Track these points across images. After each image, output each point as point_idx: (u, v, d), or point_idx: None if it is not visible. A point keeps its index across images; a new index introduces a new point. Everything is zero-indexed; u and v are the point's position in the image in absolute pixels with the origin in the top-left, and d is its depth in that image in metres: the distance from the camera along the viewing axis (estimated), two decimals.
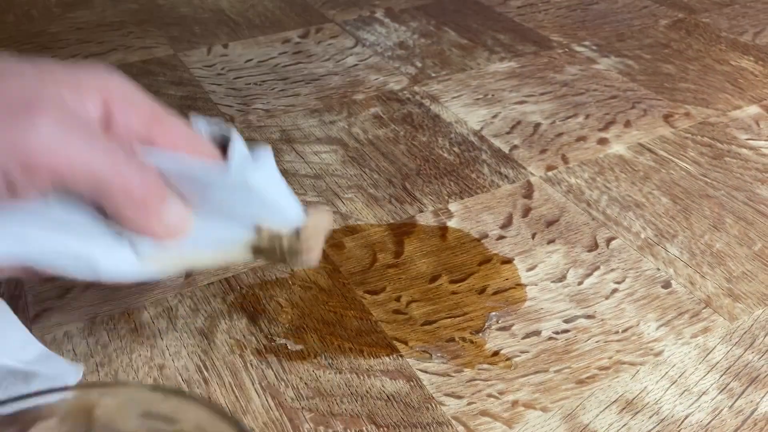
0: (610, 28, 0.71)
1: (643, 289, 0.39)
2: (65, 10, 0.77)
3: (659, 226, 0.43)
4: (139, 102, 0.24)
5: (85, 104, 0.23)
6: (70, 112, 0.23)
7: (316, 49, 0.67)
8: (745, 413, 0.32)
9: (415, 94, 0.58)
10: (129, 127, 0.24)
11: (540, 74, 0.62)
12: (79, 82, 0.23)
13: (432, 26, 0.71)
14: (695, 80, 0.60)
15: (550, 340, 0.36)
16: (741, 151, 0.51)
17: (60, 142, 0.22)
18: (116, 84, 0.24)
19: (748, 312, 0.37)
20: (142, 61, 0.65)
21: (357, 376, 0.33)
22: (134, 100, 0.24)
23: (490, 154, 0.50)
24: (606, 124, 0.54)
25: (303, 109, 0.56)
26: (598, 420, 0.32)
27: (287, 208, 0.28)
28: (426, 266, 0.40)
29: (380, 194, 0.46)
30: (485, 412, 0.32)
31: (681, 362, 0.34)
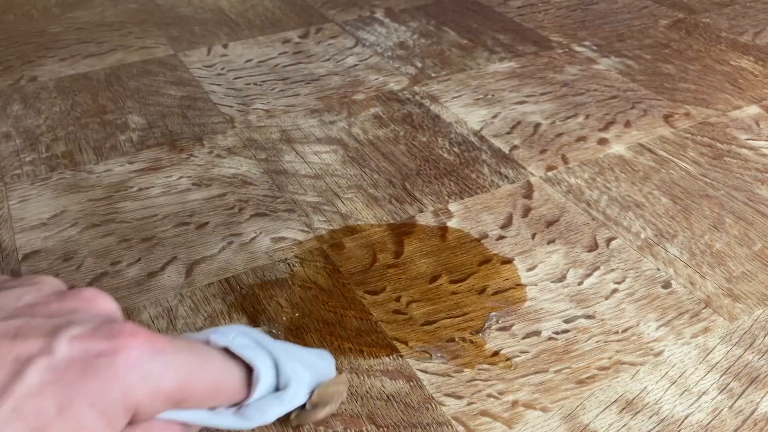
0: (610, 28, 0.71)
1: (643, 289, 0.39)
2: (65, 10, 0.77)
3: (659, 226, 0.43)
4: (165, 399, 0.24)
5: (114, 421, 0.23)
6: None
7: (316, 49, 0.67)
8: (745, 413, 0.32)
9: (415, 95, 0.58)
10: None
11: (540, 74, 0.62)
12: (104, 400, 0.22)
13: (432, 26, 0.71)
14: (695, 80, 0.60)
15: (550, 340, 0.36)
16: (741, 151, 0.51)
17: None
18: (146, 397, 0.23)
19: (748, 312, 0.37)
20: (141, 61, 0.65)
21: (357, 376, 0.33)
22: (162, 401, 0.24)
23: (490, 155, 0.50)
24: (606, 125, 0.54)
25: (303, 109, 0.56)
26: (598, 420, 0.32)
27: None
28: (426, 266, 0.40)
29: (380, 194, 0.46)
30: (485, 412, 0.32)
31: (681, 362, 0.34)
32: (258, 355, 0.27)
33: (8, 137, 0.53)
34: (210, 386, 0.25)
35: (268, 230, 0.43)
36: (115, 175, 0.48)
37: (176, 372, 0.23)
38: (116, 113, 0.56)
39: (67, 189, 0.47)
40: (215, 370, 0.25)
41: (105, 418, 0.21)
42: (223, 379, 0.26)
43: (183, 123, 0.55)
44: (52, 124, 0.55)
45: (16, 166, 0.50)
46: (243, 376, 0.26)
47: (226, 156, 0.50)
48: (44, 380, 0.21)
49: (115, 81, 0.61)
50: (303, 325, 0.36)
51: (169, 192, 0.47)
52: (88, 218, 0.44)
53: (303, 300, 0.38)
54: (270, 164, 0.49)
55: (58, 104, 0.58)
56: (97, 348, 0.22)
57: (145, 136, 0.53)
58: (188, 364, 0.24)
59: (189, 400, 0.24)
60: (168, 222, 0.44)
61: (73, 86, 0.60)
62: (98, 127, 0.54)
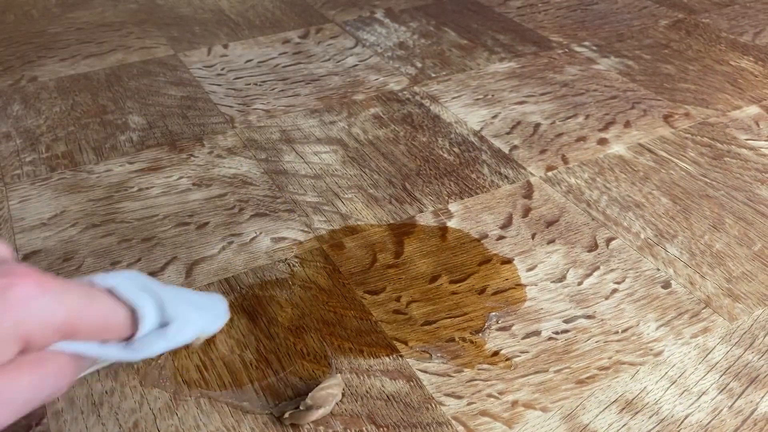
0: (609, 28, 0.71)
1: (643, 290, 0.39)
2: (65, 10, 0.77)
3: (659, 226, 0.43)
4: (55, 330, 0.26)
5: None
6: None
7: (316, 49, 0.67)
8: (744, 413, 0.32)
9: (415, 95, 0.59)
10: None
11: (540, 74, 0.62)
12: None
13: (432, 26, 0.71)
14: (695, 80, 0.60)
15: (550, 340, 0.36)
16: (741, 152, 0.51)
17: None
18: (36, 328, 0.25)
19: (747, 312, 0.37)
20: (142, 62, 0.65)
21: (357, 376, 0.33)
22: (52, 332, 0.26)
23: (490, 155, 0.50)
24: (606, 125, 0.54)
25: (303, 110, 0.56)
26: (598, 420, 0.32)
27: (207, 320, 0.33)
28: (426, 266, 0.40)
29: (380, 194, 0.46)
30: (485, 412, 0.32)
31: (681, 362, 0.34)
32: (140, 297, 0.29)
33: (8, 137, 0.53)
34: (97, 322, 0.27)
35: (268, 230, 0.43)
36: (115, 176, 0.48)
37: (65, 307, 0.26)
38: (116, 113, 0.56)
39: (68, 189, 0.47)
40: (102, 307, 0.28)
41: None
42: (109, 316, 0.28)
43: (183, 123, 0.55)
44: (53, 124, 0.55)
45: (16, 167, 0.50)
46: (128, 314, 0.29)
47: (226, 156, 0.50)
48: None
49: (116, 81, 0.61)
50: (303, 325, 0.36)
51: (170, 192, 0.47)
52: (88, 218, 0.44)
53: (303, 300, 0.38)
54: (270, 164, 0.49)
55: (59, 104, 0.58)
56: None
57: (145, 136, 0.53)
58: (76, 300, 0.26)
59: (78, 335, 0.27)
60: (168, 222, 0.44)
61: (73, 86, 0.61)
62: (98, 128, 0.54)
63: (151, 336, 0.30)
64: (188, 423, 0.31)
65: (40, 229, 0.43)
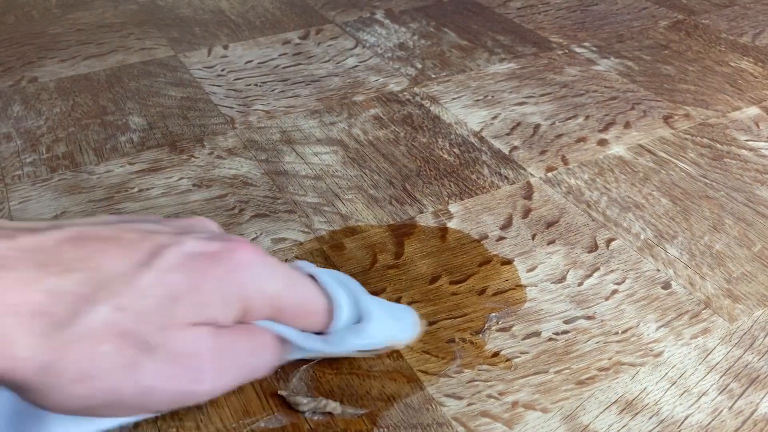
0: (609, 29, 0.71)
1: (643, 290, 0.39)
2: (65, 11, 0.77)
3: (659, 227, 0.43)
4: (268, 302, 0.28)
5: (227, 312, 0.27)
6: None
7: (316, 50, 0.67)
8: (744, 414, 0.32)
9: (415, 96, 0.59)
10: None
11: (540, 75, 0.62)
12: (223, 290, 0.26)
13: (432, 27, 0.71)
14: (695, 81, 0.61)
15: (550, 341, 0.36)
16: (741, 153, 0.51)
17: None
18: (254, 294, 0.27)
19: (747, 313, 0.37)
20: (142, 63, 0.65)
21: (357, 377, 0.33)
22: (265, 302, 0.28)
23: (490, 155, 0.50)
24: (606, 125, 0.54)
25: (303, 111, 0.56)
26: (598, 421, 0.32)
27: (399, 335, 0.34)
28: (426, 267, 0.40)
29: (380, 195, 0.46)
30: (485, 413, 0.32)
31: (681, 363, 0.34)
32: (339, 290, 0.30)
33: (9, 138, 0.53)
34: (301, 302, 0.29)
35: (268, 231, 0.43)
36: (116, 176, 0.48)
37: (277, 279, 0.28)
38: (117, 114, 0.56)
39: (68, 190, 0.47)
40: (306, 290, 0.29)
41: (223, 302, 0.26)
42: (311, 300, 0.29)
43: (183, 124, 0.55)
44: (53, 125, 0.55)
45: (16, 167, 0.50)
46: (326, 304, 0.30)
47: (226, 157, 0.51)
48: (177, 262, 0.25)
49: (116, 82, 0.61)
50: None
51: (170, 193, 0.47)
52: None
53: None
54: (270, 165, 0.49)
55: (59, 105, 0.58)
56: (217, 247, 0.26)
57: (145, 137, 0.53)
58: (287, 276, 0.28)
59: (283, 312, 0.28)
60: None
61: (73, 87, 0.61)
62: (99, 128, 0.54)
63: (345, 331, 0.31)
64: (188, 424, 0.31)
65: None
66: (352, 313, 0.31)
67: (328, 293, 0.30)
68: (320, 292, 0.30)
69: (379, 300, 0.33)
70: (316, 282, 0.30)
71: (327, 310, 0.30)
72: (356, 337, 0.31)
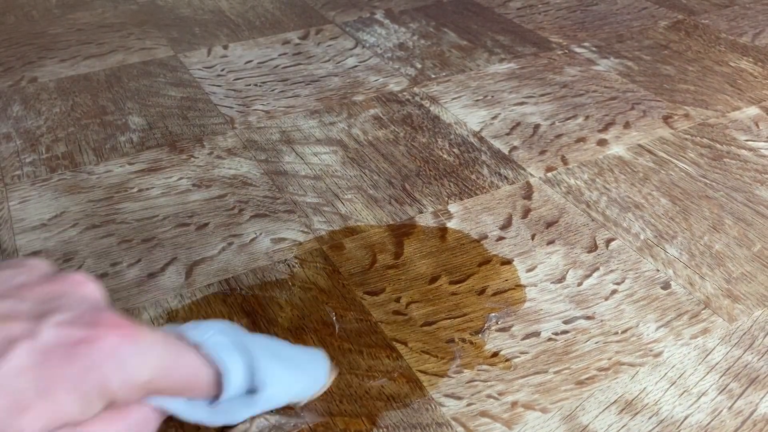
0: (609, 29, 0.71)
1: (643, 290, 0.39)
2: (65, 11, 0.77)
3: (658, 227, 0.43)
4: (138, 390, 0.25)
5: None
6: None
7: (316, 50, 0.67)
8: (744, 414, 0.32)
9: (415, 96, 0.59)
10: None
11: (539, 75, 0.62)
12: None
13: (432, 27, 0.71)
14: (695, 81, 0.61)
15: (550, 341, 0.36)
16: (740, 152, 0.51)
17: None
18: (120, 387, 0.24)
19: (747, 313, 0.37)
20: (142, 63, 0.65)
21: (356, 377, 0.33)
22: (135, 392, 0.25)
23: (489, 156, 0.50)
24: (605, 126, 0.54)
25: (303, 111, 0.56)
26: (598, 421, 0.32)
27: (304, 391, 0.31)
28: (426, 267, 0.40)
29: (380, 195, 0.46)
30: (485, 413, 0.32)
31: (680, 363, 0.34)
32: (230, 356, 0.28)
33: (9, 138, 0.53)
34: (182, 381, 0.26)
35: (268, 231, 0.43)
36: (116, 176, 0.48)
37: (150, 364, 0.25)
38: (116, 114, 0.56)
39: (68, 190, 0.47)
40: (188, 366, 0.26)
41: (81, 403, 0.23)
42: (194, 375, 0.27)
43: (183, 124, 0.55)
44: (53, 125, 0.55)
45: (16, 167, 0.50)
46: (214, 375, 0.27)
47: (226, 157, 0.51)
48: (28, 362, 0.22)
49: (116, 82, 0.61)
50: (303, 325, 0.36)
51: (170, 193, 0.47)
52: (88, 219, 0.44)
53: (303, 301, 0.38)
54: (270, 165, 0.49)
55: (59, 105, 0.58)
56: (79, 335, 0.23)
57: (145, 137, 0.53)
58: (162, 357, 0.25)
59: (162, 392, 0.26)
60: (168, 223, 0.44)
61: (73, 87, 0.61)
62: (98, 128, 0.54)
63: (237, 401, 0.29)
64: (188, 424, 0.31)
65: (40, 230, 0.43)
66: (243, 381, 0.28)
67: (218, 363, 0.27)
68: (205, 362, 0.27)
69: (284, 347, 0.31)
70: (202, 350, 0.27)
71: (214, 381, 0.27)
72: (247, 407, 0.29)
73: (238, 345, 0.28)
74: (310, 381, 0.31)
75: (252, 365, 0.28)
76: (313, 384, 0.32)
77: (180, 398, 0.27)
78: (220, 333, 0.28)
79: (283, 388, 0.30)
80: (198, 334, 0.28)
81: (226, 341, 0.28)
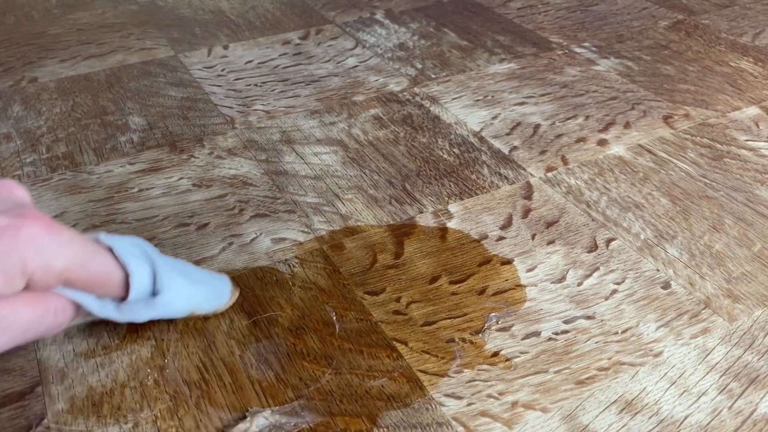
0: (609, 29, 0.71)
1: (643, 290, 0.39)
2: (65, 11, 0.77)
3: (659, 227, 0.43)
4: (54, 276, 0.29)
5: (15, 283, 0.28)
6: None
7: (316, 50, 0.67)
8: (744, 414, 0.32)
9: (415, 96, 0.59)
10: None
11: (540, 76, 0.62)
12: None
13: (432, 28, 0.71)
14: (695, 81, 0.61)
15: (550, 340, 0.36)
16: (740, 152, 0.51)
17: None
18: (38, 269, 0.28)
19: (747, 313, 0.37)
20: (142, 63, 0.65)
21: (357, 377, 0.33)
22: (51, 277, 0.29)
23: (489, 155, 0.50)
24: (606, 126, 0.54)
25: (303, 111, 0.56)
26: (598, 421, 0.32)
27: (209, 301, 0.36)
28: (426, 267, 0.40)
29: (380, 195, 0.46)
30: (485, 412, 0.32)
31: (680, 363, 0.34)
32: (137, 262, 0.31)
33: (9, 138, 0.53)
34: (94, 276, 0.30)
35: (268, 231, 0.43)
36: (116, 176, 0.48)
37: (67, 255, 0.28)
38: (117, 114, 0.56)
39: (68, 190, 0.47)
40: (100, 264, 0.30)
41: (4, 276, 0.27)
42: (105, 274, 0.31)
43: (183, 124, 0.55)
44: (53, 125, 0.55)
45: (16, 167, 0.50)
46: (122, 277, 0.31)
47: (226, 157, 0.51)
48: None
49: (116, 82, 0.61)
50: (303, 325, 0.36)
51: (170, 193, 0.47)
52: (88, 219, 0.44)
53: (303, 301, 0.38)
54: (270, 165, 0.49)
55: (59, 105, 0.58)
56: (5, 222, 0.27)
57: (145, 137, 0.53)
58: (79, 251, 0.29)
59: (75, 283, 0.29)
60: (168, 223, 0.44)
61: (73, 87, 0.61)
62: (99, 128, 0.54)
63: (140, 302, 0.32)
64: (188, 424, 0.31)
65: None
66: (148, 285, 0.32)
67: (126, 266, 0.31)
68: (116, 264, 0.31)
69: (188, 267, 0.35)
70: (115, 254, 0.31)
71: (122, 282, 0.31)
72: (149, 308, 0.33)
73: (145, 255, 0.32)
74: (212, 295, 0.36)
75: (156, 272, 0.32)
76: (214, 298, 0.36)
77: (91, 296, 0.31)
78: (128, 243, 0.32)
79: (183, 295, 0.34)
80: (111, 240, 0.31)
81: (135, 250, 0.32)
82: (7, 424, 0.31)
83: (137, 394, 0.33)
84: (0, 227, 0.27)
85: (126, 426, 0.31)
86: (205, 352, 0.35)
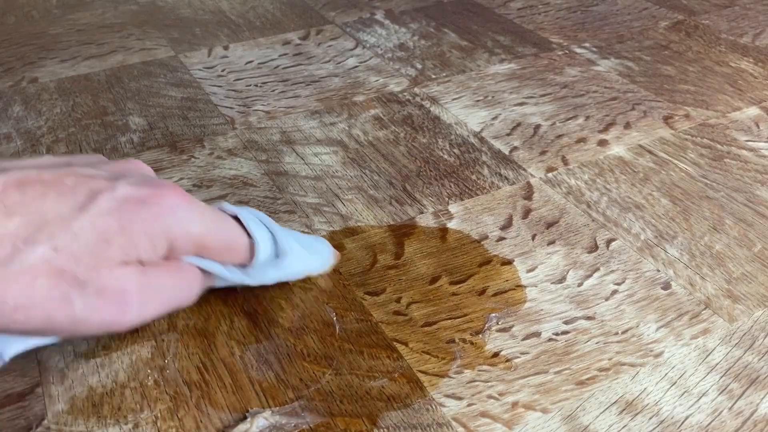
0: (610, 29, 0.71)
1: (643, 291, 0.39)
2: (66, 11, 0.77)
3: (659, 227, 0.43)
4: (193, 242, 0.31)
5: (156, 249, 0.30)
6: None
7: (317, 50, 0.67)
8: (744, 414, 0.32)
9: (416, 96, 0.59)
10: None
11: (540, 76, 0.62)
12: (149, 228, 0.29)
13: (432, 28, 0.71)
14: (695, 82, 0.61)
15: (550, 341, 0.36)
16: (741, 153, 0.51)
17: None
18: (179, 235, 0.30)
19: (747, 313, 0.37)
20: (142, 63, 0.65)
21: (357, 377, 0.33)
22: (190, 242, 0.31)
23: (490, 156, 0.50)
24: (606, 126, 0.54)
25: (303, 111, 0.56)
26: (598, 421, 0.32)
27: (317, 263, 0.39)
28: (426, 267, 0.40)
29: (380, 196, 0.46)
30: (485, 413, 0.32)
31: (681, 363, 0.34)
32: (259, 229, 0.34)
33: (9, 138, 0.53)
34: (225, 242, 0.32)
35: None
36: None
37: (202, 222, 0.31)
38: (117, 115, 0.56)
39: None
40: (229, 230, 0.33)
41: (150, 243, 0.29)
42: (234, 239, 0.33)
43: (183, 124, 0.55)
44: (53, 125, 0.55)
45: None
46: (248, 242, 0.33)
47: (226, 157, 0.51)
48: (110, 207, 0.28)
49: (116, 82, 0.61)
50: (303, 326, 0.36)
51: None
52: None
53: (303, 301, 0.38)
54: (270, 165, 0.49)
55: (59, 105, 0.58)
56: (147, 192, 0.29)
57: (145, 137, 0.53)
58: (211, 219, 0.31)
59: (207, 250, 0.32)
60: None
61: (73, 87, 0.61)
62: (99, 129, 0.54)
63: (265, 265, 0.35)
64: (188, 424, 0.31)
65: None
66: (271, 249, 0.34)
67: (250, 231, 0.33)
68: (242, 231, 0.33)
69: (297, 234, 0.37)
70: (239, 222, 0.33)
71: (248, 247, 0.33)
72: (274, 270, 0.35)
73: (262, 222, 0.34)
74: (319, 257, 0.38)
75: (275, 238, 0.34)
76: (321, 260, 0.38)
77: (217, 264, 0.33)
78: (248, 212, 0.34)
79: (300, 258, 0.36)
80: (235, 209, 0.34)
81: (254, 218, 0.34)
82: (7, 425, 0.31)
83: (137, 394, 0.33)
84: (144, 196, 0.29)
85: (126, 426, 0.31)
86: (205, 352, 0.35)
